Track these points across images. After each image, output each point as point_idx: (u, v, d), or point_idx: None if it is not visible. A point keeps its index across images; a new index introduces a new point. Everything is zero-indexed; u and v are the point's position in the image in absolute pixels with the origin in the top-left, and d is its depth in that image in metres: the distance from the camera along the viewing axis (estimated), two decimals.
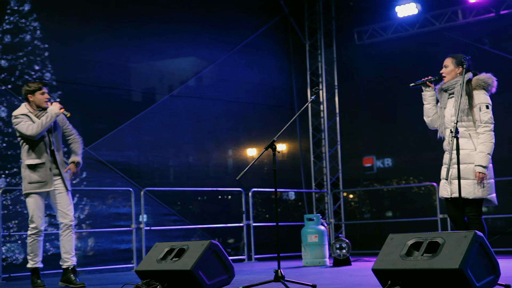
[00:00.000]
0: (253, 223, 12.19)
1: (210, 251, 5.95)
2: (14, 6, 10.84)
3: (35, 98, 7.37)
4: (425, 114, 6.46)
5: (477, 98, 6.06)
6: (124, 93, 11.96)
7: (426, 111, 6.45)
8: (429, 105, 6.43)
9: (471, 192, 5.95)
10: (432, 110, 6.40)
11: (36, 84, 7.41)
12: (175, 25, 12.71)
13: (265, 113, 13.81)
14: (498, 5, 12.42)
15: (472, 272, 4.53)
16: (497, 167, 11.95)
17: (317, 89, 6.87)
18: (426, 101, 6.44)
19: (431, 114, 6.41)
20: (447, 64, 6.33)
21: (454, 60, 6.29)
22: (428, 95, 6.44)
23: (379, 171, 14.16)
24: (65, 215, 7.31)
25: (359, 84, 14.33)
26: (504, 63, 12.16)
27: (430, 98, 6.43)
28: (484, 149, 5.95)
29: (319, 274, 8.35)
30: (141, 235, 10.86)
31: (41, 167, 7.25)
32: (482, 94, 6.08)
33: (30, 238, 7.26)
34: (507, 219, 12.11)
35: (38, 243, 7.27)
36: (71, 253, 7.29)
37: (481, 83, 6.11)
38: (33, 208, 7.23)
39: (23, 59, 10.83)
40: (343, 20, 14.41)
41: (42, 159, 7.28)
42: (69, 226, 7.30)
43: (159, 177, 12.35)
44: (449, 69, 6.30)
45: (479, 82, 6.12)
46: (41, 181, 7.23)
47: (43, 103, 7.37)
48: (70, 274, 7.24)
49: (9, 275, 9.86)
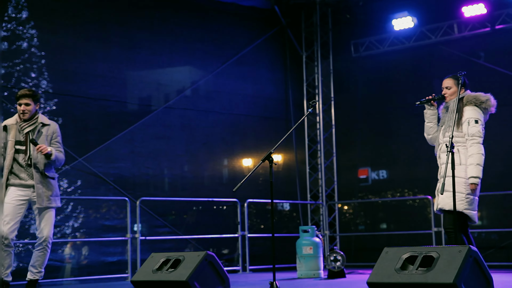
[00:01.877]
0: (248, 234, 12.21)
1: (206, 262, 5.99)
2: (11, 13, 10.88)
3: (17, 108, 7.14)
4: (426, 131, 6.54)
5: (466, 113, 6.16)
6: (117, 105, 11.97)
7: (427, 129, 6.52)
8: (430, 123, 6.50)
9: (448, 204, 6.05)
10: (433, 128, 6.48)
11: (18, 93, 7.11)
12: (171, 36, 12.76)
13: (259, 125, 13.85)
14: (494, 20, 12.51)
15: (466, 286, 4.59)
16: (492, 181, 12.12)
17: (314, 102, 6.90)
18: (428, 119, 6.51)
19: (431, 132, 6.49)
20: (450, 85, 6.41)
21: (455, 81, 6.37)
22: (429, 113, 6.51)
23: (374, 183, 14.20)
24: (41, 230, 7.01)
25: (355, 96, 14.38)
26: (499, 77, 12.23)
27: (431, 116, 6.51)
28: (474, 160, 6.05)
29: (313, 286, 8.38)
30: (135, 246, 10.86)
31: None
32: (472, 110, 6.17)
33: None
34: (500, 233, 12.14)
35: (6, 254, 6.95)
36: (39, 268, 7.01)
37: (472, 99, 6.21)
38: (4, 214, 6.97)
39: (20, 67, 10.86)
40: (340, 32, 14.48)
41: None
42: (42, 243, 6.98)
43: (153, 188, 12.35)
44: (452, 90, 6.38)
45: (470, 99, 6.22)
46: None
47: (20, 115, 7.07)
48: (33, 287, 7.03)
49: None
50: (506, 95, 11.80)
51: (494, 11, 12.47)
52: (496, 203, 12.36)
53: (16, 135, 7.05)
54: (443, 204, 6.10)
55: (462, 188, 6.05)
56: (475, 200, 6.11)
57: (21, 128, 7.07)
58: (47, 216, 7.07)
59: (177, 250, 11.74)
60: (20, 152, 7.03)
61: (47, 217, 7.07)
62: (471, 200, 6.08)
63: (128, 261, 10.75)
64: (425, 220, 12.79)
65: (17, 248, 10.46)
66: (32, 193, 7.02)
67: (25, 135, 7.06)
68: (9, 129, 7.07)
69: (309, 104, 14.24)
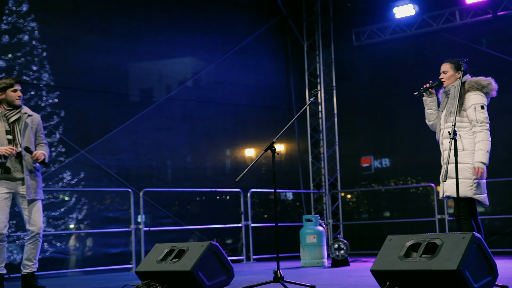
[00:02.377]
0: (251, 224, 12.23)
1: (210, 252, 5.99)
2: (12, 6, 10.88)
3: (6, 95, 6.83)
4: (427, 118, 6.52)
5: (471, 99, 6.13)
6: (119, 96, 11.97)
7: (428, 116, 6.51)
8: (430, 110, 6.49)
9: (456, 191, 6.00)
10: (433, 114, 6.47)
11: (8, 80, 6.86)
12: (172, 27, 12.74)
13: (261, 115, 13.85)
14: (495, 6, 12.47)
15: (470, 273, 4.58)
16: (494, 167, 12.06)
17: (316, 91, 6.88)
18: (427, 106, 6.50)
19: (432, 119, 6.47)
20: (446, 69, 6.38)
21: (453, 65, 6.35)
22: (429, 100, 6.49)
23: (377, 172, 14.20)
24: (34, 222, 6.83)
25: (357, 85, 14.36)
26: (501, 64, 12.22)
27: (431, 103, 6.49)
28: (483, 147, 6.01)
29: (317, 274, 8.40)
30: (139, 237, 10.89)
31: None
32: (476, 95, 6.14)
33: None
34: (504, 219, 12.15)
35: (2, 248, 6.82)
36: (33, 261, 6.86)
37: (474, 84, 6.17)
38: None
39: (21, 60, 10.86)
40: (341, 21, 14.46)
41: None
42: (37, 235, 6.81)
43: (156, 179, 12.36)
44: (448, 74, 6.36)
45: (472, 84, 6.19)
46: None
47: (15, 101, 6.84)
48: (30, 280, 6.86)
49: (9, 275, 9.90)
50: (508, 82, 11.77)
51: None
52: (499, 189, 12.35)
53: (3, 124, 6.82)
54: (451, 192, 6.05)
55: (468, 174, 6.02)
56: (483, 183, 6.09)
57: (7, 116, 6.84)
58: (36, 208, 6.87)
59: (181, 240, 11.75)
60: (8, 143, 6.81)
61: (36, 208, 6.87)
62: (479, 184, 6.06)
63: (132, 252, 10.78)
64: (428, 207, 12.80)
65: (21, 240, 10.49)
66: (18, 186, 6.84)
67: (11, 124, 6.84)
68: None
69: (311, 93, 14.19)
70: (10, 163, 6.80)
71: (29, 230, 6.83)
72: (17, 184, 6.84)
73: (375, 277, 4.95)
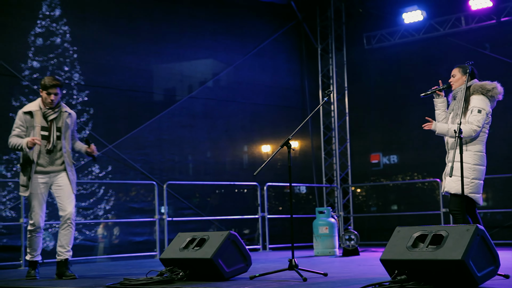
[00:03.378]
0: (267, 215, 12.24)
1: (229, 241, 6.00)
2: (45, 11, 10.95)
3: (42, 95, 6.85)
4: (436, 119, 6.50)
5: (473, 102, 6.11)
6: (145, 95, 12.01)
7: (437, 117, 6.49)
8: (439, 110, 6.47)
9: (453, 188, 5.99)
10: (441, 115, 6.45)
11: (47, 82, 6.79)
12: (194, 30, 12.77)
13: (277, 113, 13.84)
14: (499, 12, 12.40)
15: (473, 263, 4.57)
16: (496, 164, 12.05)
17: (330, 91, 6.87)
18: (437, 107, 6.48)
19: (440, 119, 6.44)
20: (455, 73, 6.38)
21: (461, 69, 6.35)
22: (439, 101, 6.48)
23: (385, 167, 14.17)
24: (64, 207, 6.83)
25: (367, 86, 14.33)
26: (504, 67, 12.15)
27: (440, 104, 6.48)
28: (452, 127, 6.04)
29: (329, 263, 8.39)
30: (162, 226, 10.93)
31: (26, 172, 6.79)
32: (478, 99, 6.10)
33: (29, 233, 6.88)
34: (505, 213, 12.10)
35: (36, 239, 6.85)
36: (66, 247, 6.82)
37: (479, 88, 6.13)
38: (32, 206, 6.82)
39: (54, 61, 10.92)
40: (353, 26, 14.41)
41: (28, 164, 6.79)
42: (68, 219, 6.78)
43: (178, 173, 12.40)
44: (456, 78, 6.36)
45: (476, 88, 6.15)
46: (24, 185, 6.81)
47: (48, 103, 6.81)
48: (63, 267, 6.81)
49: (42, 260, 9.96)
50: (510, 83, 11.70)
51: (499, 4, 12.38)
52: (500, 185, 12.30)
53: (41, 121, 6.83)
54: (449, 188, 6.06)
55: (467, 173, 5.98)
56: (480, 184, 6.06)
57: (45, 114, 6.83)
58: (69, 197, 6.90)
59: (201, 230, 11.79)
60: (43, 138, 6.81)
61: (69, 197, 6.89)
62: (476, 184, 6.03)
63: (156, 241, 10.83)
64: (433, 201, 12.76)
65: (53, 228, 10.55)
66: (54, 177, 6.85)
67: (49, 122, 6.84)
68: (34, 115, 6.81)
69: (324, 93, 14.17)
70: (43, 159, 6.82)
71: (61, 217, 6.84)
72: (53, 176, 6.86)
73: (384, 266, 4.94)
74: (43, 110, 6.84)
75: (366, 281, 5.09)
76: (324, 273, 6.08)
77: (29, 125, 6.81)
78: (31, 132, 6.80)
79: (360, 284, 4.83)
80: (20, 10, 10.76)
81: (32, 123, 6.81)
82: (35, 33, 10.80)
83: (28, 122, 6.81)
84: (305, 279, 5.69)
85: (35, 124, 6.80)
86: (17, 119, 6.87)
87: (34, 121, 6.81)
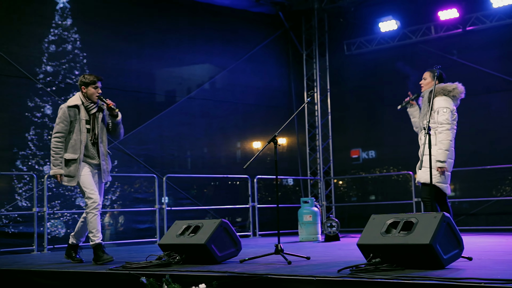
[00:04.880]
0: (257, 205, 12.21)
1: (221, 228, 5.97)
2: (58, 21, 10.89)
3: (88, 90, 6.63)
4: (413, 126, 6.48)
5: (436, 103, 6.11)
6: (148, 96, 11.97)
7: (414, 124, 6.48)
8: (414, 119, 6.45)
9: (423, 178, 6.05)
10: (417, 122, 6.42)
11: (92, 77, 6.66)
12: (192, 37, 12.73)
13: (267, 113, 13.80)
14: (465, 22, 12.41)
15: (440, 246, 4.56)
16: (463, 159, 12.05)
17: (312, 92, 6.85)
18: (412, 115, 6.46)
19: (417, 125, 6.42)
20: (426, 76, 6.39)
21: (431, 73, 6.34)
22: (412, 110, 6.46)
23: (364, 162, 14.16)
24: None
25: (348, 88, 14.32)
26: (470, 71, 12.15)
27: (415, 113, 6.45)
28: (442, 146, 6.00)
29: (312, 248, 8.37)
30: (162, 215, 10.90)
31: (73, 162, 6.56)
32: (441, 99, 6.10)
33: (90, 214, 6.47)
34: (471, 202, 12.12)
35: (97, 217, 6.48)
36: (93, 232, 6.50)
37: (441, 90, 6.15)
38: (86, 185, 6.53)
39: (65, 66, 10.87)
40: (335, 34, 14.39)
41: (75, 154, 6.56)
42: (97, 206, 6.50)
43: (177, 166, 12.36)
44: (427, 81, 6.37)
45: (438, 90, 6.16)
46: (70, 176, 6.56)
47: (94, 97, 6.65)
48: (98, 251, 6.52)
49: (54, 246, 9.94)
50: (475, 86, 11.72)
51: (465, 15, 12.38)
52: (467, 177, 12.31)
53: (85, 115, 6.64)
54: (419, 178, 6.11)
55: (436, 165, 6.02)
56: (447, 175, 6.07)
57: (88, 108, 6.65)
58: (101, 188, 6.75)
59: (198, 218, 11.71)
60: (87, 132, 6.65)
61: (101, 188, 6.75)
62: (445, 176, 6.04)
63: (157, 228, 10.79)
64: (407, 192, 12.76)
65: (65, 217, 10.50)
66: (94, 170, 6.69)
67: (92, 116, 6.67)
68: (80, 108, 6.61)
69: (308, 94, 14.26)
70: (89, 151, 6.64)
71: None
72: (95, 167, 6.72)
73: (361, 250, 4.92)
74: (85, 104, 6.66)
75: (345, 263, 5.07)
76: (307, 257, 6.05)
77: (74, 119, 6.61)
78: (75, 125, 6.61)
79: (339, 267, 4.80)
80: (36, 19, 10.71)
81: (77, 117, 6.62)
82: (48, 40, 10.73)
83: (72, 116, 6.60)
84: (290, 262, 5.66)
85: (81, 118, 6.62)
86: (60, 114, 6.61)
87: (80, 115, 6.63)
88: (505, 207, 11.71)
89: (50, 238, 10.05)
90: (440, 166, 5.97)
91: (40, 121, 10.51)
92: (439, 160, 5.97)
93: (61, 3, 10.94)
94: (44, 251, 9.44)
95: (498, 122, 12.03)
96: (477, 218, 12.01)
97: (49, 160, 10.36)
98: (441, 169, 5.96)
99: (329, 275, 4.45)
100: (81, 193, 6.73)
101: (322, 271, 4.85)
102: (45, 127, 10.51)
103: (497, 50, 12.16)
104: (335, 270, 4.69)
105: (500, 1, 11.89)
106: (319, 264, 5.52)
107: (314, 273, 4.60)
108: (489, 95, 11.96)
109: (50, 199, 10.20)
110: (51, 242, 9.97)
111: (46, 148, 10.38)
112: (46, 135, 10.49)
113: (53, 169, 6.64)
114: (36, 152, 10.40)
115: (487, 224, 11.75)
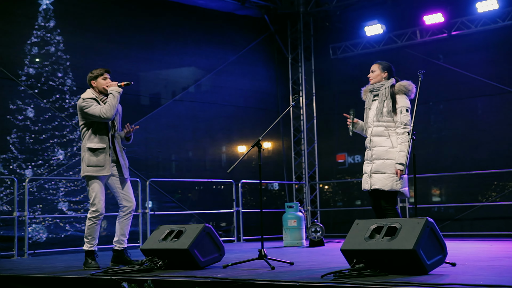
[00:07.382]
0: (242, 210, 12.19)
1: (204, 233, 5.96)
2: (41, 22, 10.82)
3: (98, 83, 6.57)
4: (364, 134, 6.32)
5: (399, 101, 5.90)
6: (133, 98, 11.92)
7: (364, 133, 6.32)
8: (362, 129, 6.31)
9: (387, 185, 5.74)
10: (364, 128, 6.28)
11: (99, 70, 6.62)
12: (179, 39, 12.71)
13: (254, 115, 13.80)
14: (450, 27, 12.49)
15: (423, 252, 4.57)
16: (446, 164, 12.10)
17: (297, 97, 6.90)
18: (358, 131, 6.33)
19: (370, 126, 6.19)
20: (374, 69, 6.16)
21: (381, 66, 6.14)
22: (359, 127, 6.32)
23: (350, 166, 14.18)
24: (129, 198, 6.54)
25: (333, 92, 14.32)
26: (454, 75, 12.19)
27: (359, 127, 6.33)
28: (404, 148, 5.71)
29: (297, 253, 8.37)
30: (146, 219, 10.84)
31: (101, 152, 6.41)
32: (404, 98, 5.91)
33: (90, 221, 6.37)
34: (456, 207, 12.16)
35: (97, 226, 6.41)
36: (127, 236, 6.55)
37: (403, 88, 5.91)
38: (96, 191, 6.38)
39: (48, 68, 10.80)
40: (320, 38, 14.42)
41: (103, 144, 6.43)
42: (132, 210, 6.52)
43: (162, 169, 12.32)
44: (375, 74, 6.13)
45: (401, 88, 5.93)
46: (99, 165, 6.37)
47: (104, 88, 6.58)
48: (124, 255, 6.54)
49: (34, 251, 9.85)
50: (460, 90, 11.79)
51: (450, 20, 12.46)
52: (451, 182, 12.37)
53: None
54: (382, 185, 5.76)
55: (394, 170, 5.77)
56: (405, 178, 5.87)
57: (103, 101, 6.52)
58: (128, 185, 6.58)
59: (183, 223, 11.69)
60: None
61: (128, 185, 6.58)
62: (404, 179, 5.85)
63: (140, 233, 10.73)
64: None
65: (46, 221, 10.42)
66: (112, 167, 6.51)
67: None
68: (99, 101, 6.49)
69: (292, 98, 14.27)
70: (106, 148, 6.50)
71: (125, 207, 6.51)
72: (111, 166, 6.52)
73: (344, 255, 4.93)
74: (99, 98, 6.56)
75: (328, 269, 5.07)
76: (291, 262, 6.05)
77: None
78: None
79: (323, 272, 4.80)
80: (19, 20, 10.64)
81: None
82: (31, 42, 10.67)
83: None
84: (273, 267, 5.65)
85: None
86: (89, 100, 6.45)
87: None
88: (490, 212, 11.77)
89: (31, 243, 9.96)
90: (400, 169, 5.68)
91: (22, 124, 10.43)
92: (400, 163, 5.69)
93: (44, 5, 10.87)
94: (25, 256, 9.36)
95: (483, 126, 12.09)
96: (462, 224, 12.06)
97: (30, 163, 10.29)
98: (401, 172, 5.74)
99: (312, 280, 4.45)
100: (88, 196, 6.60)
101: (306, 276, 4.85)
102: (27, 130, 10.43)
103: (482, 54, 12.23)
104: (319, 276, 4.69)
105: (485, 6, 11.97)
106: (302, 270, 5.52)
107: (297, 279, 4.60)
108: (474, 99, 12.01)
109: (32, 204, 10.12)
110: (32, 247, 9.89)
111: (28, 152, 10.30)
112: (28, 138, 10.41)
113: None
114: (17, 155, 10.32)
115: (472, 229, 11.80)
